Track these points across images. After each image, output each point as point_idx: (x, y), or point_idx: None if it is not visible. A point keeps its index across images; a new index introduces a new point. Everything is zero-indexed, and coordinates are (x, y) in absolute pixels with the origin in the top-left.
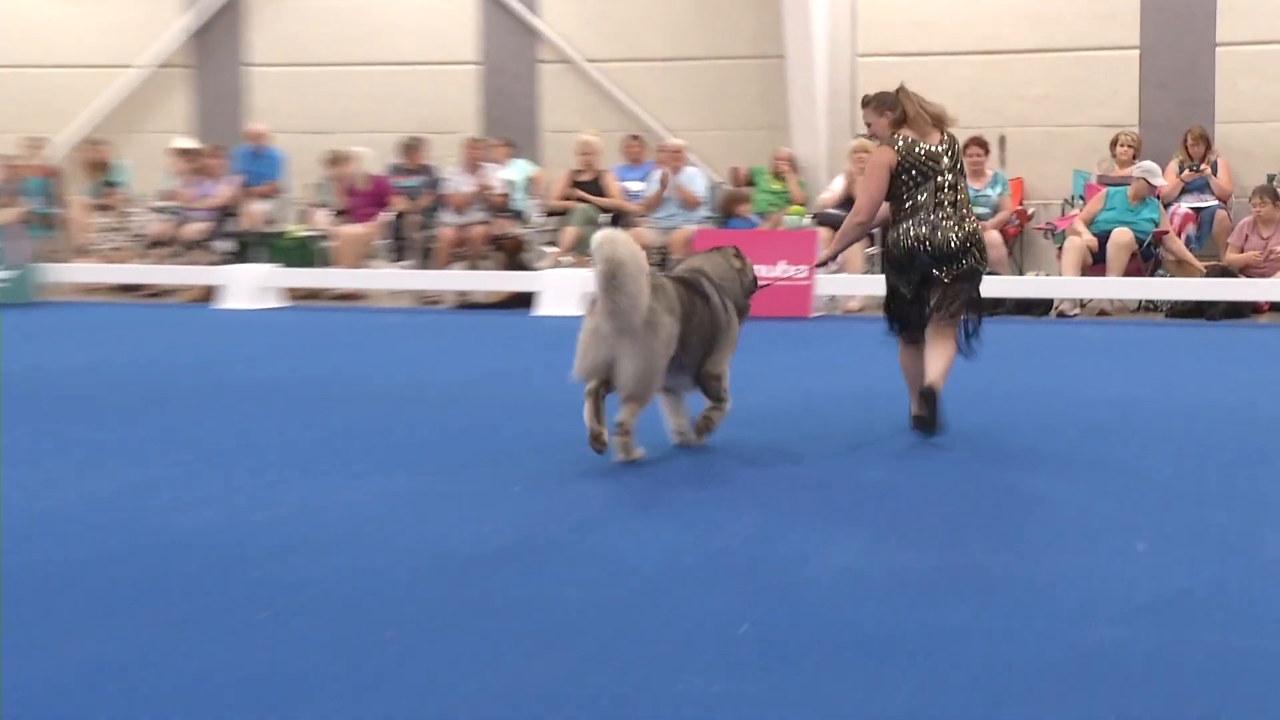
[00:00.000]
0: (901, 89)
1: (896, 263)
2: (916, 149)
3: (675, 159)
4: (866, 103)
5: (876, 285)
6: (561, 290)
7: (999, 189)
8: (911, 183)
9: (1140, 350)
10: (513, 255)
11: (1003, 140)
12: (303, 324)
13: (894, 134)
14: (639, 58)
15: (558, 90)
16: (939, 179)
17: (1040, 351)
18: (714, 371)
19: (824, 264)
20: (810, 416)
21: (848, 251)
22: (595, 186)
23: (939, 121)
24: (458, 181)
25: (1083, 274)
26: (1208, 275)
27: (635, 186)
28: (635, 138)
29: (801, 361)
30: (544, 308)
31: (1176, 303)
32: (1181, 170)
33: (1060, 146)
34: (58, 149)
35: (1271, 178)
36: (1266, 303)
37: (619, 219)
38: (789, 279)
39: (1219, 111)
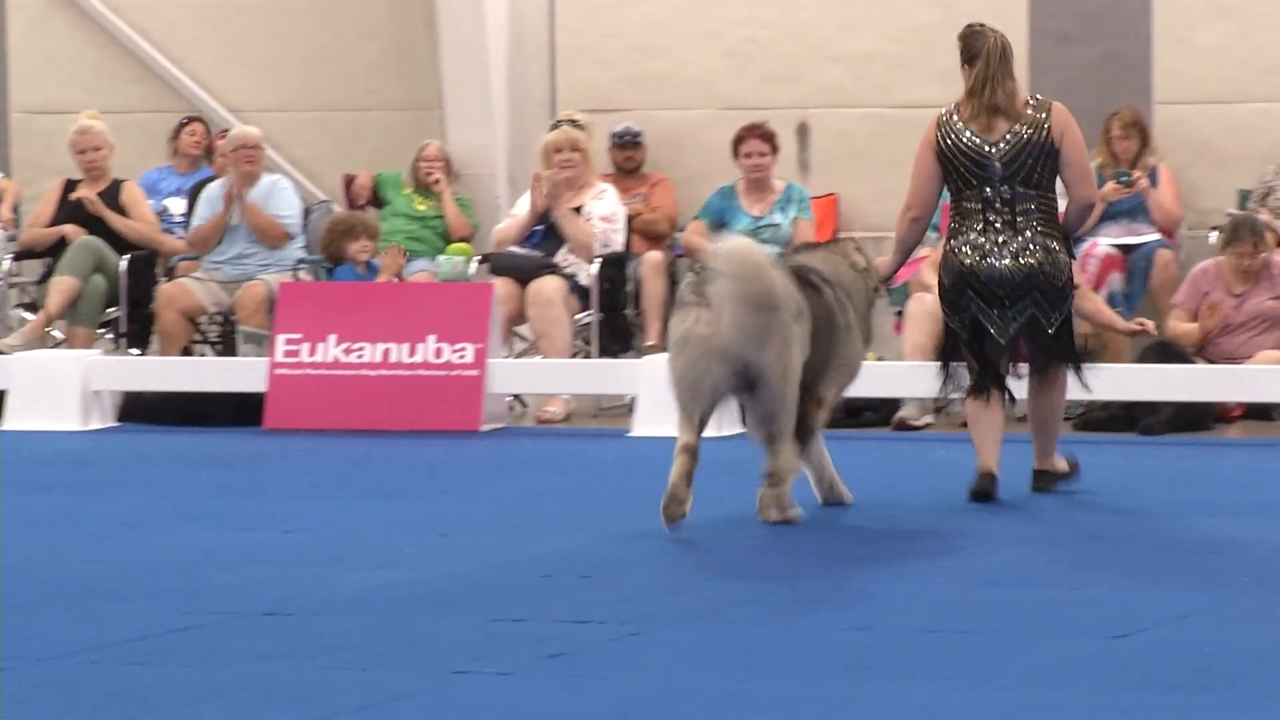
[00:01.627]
0: (985, 32)
1: (946, 292)
2: (962, 135)
3: (247, 160)
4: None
5: (592, 374)
6: (48, 386)
7: (794, 213)
8: (961, 181)
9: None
10: None
11: (803, 129)
12: None
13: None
14: None
15: (36, 41)
16: (988, 189)
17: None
18: (822, 396)
19: (886, 282)
20: None
21: (549, 318)
22: (109, 205)
23: (1000, 107)
24: None
25: (939, 356)
26: (1144, 358)
27: (176, 207)
28: (196, 123)
29: (467, 507)
30: (16, 418)
31: (1092, 405)
32: (1102, 183)
33: (900, 143)
34: None
35: (1245, 197)
36: (1239, 405)
37: (146, 262)
38: (442, 367)
39: (1158, 83)
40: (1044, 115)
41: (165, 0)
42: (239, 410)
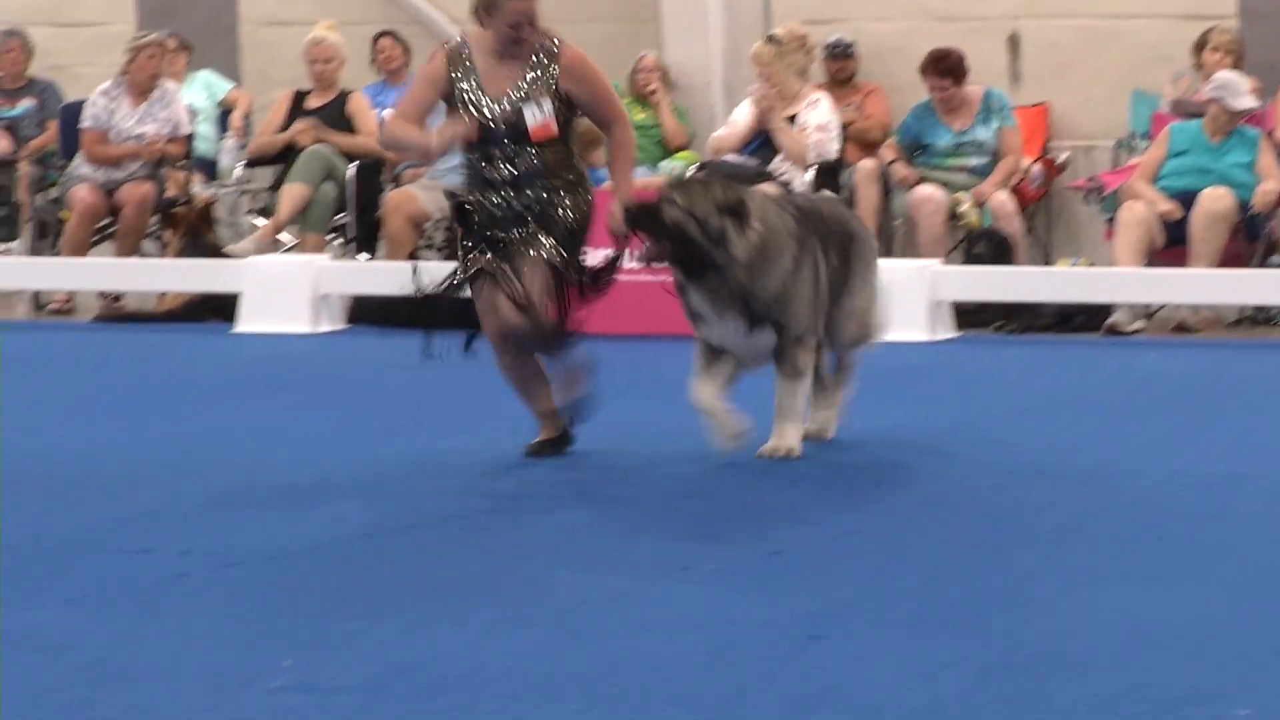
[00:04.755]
0: None
1: None
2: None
3: None
4: None
5: None
6: (278, 290)
7: (996, 123)
8: None
9: (1250, 393)
10: (193, 233)
11: (1014, 40)
12: None
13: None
14: None
15: None
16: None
17: (1078, 395)
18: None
19: None
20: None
21: None
22: (335, 116)
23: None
24: (108, 110)
25: (1149, 262)
26: None
27: None
28: (388, 34)
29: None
30: (248, 320)
31: None
32: None
33: (1110, 52)
34: None
35: None
36: None
37: (373, 170)
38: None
39: None
40: None
41: None
42: (461, 314)
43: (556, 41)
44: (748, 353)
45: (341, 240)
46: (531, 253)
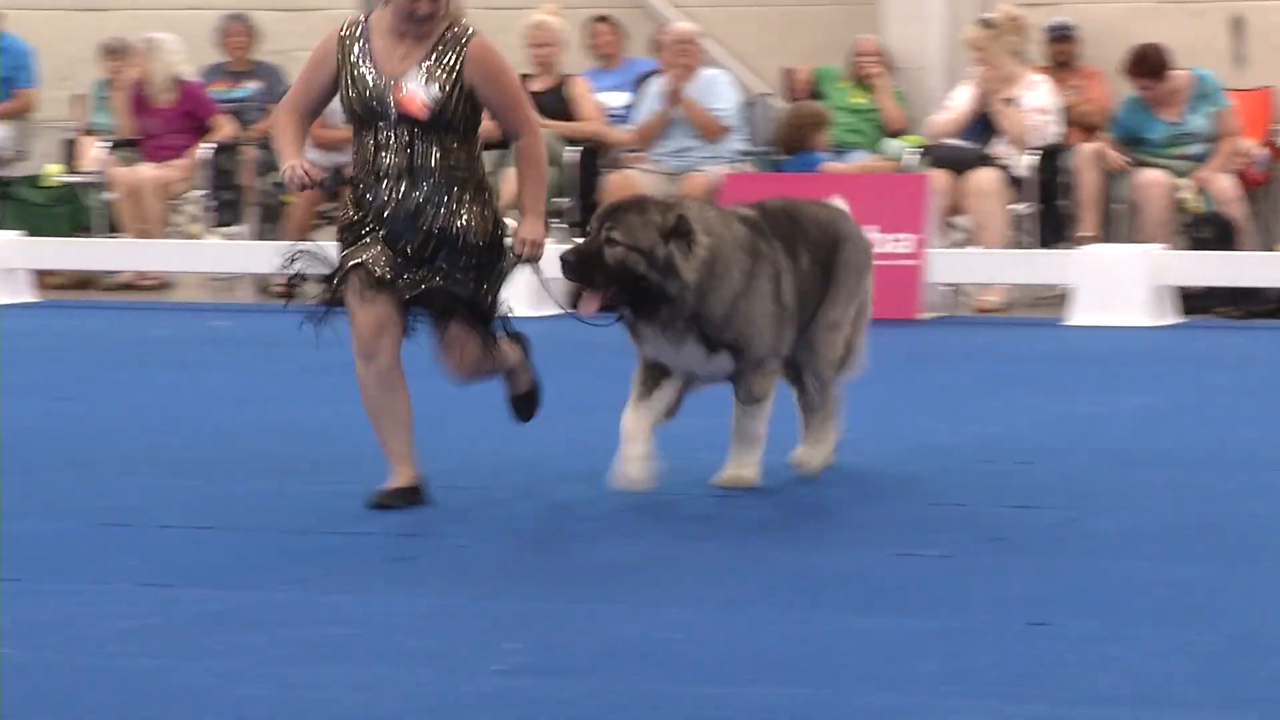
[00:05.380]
0: None
1: None
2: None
3: (684, 55)
4: None
5: (1028, 264)
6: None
7: (1209, 108)
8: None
9: None
10: None
11: (1238, 23)
12: (64, 334)
13: None
14: None
15: None
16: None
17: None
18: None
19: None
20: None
21: (986, 209)
22: (557, 101)
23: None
24: None
25: None
26: None
27: (618, 101)
28: (603, 20)
29: (906, 395)
30: None
31: None
32: None
33: None
34: None
35: None
36: None
37: (592, 154)
38: (880, 256)
39: None
40: None
41: None
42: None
43: (468, 30)
44: (707, 376)
45: (564, 224)
46: (449, 291)
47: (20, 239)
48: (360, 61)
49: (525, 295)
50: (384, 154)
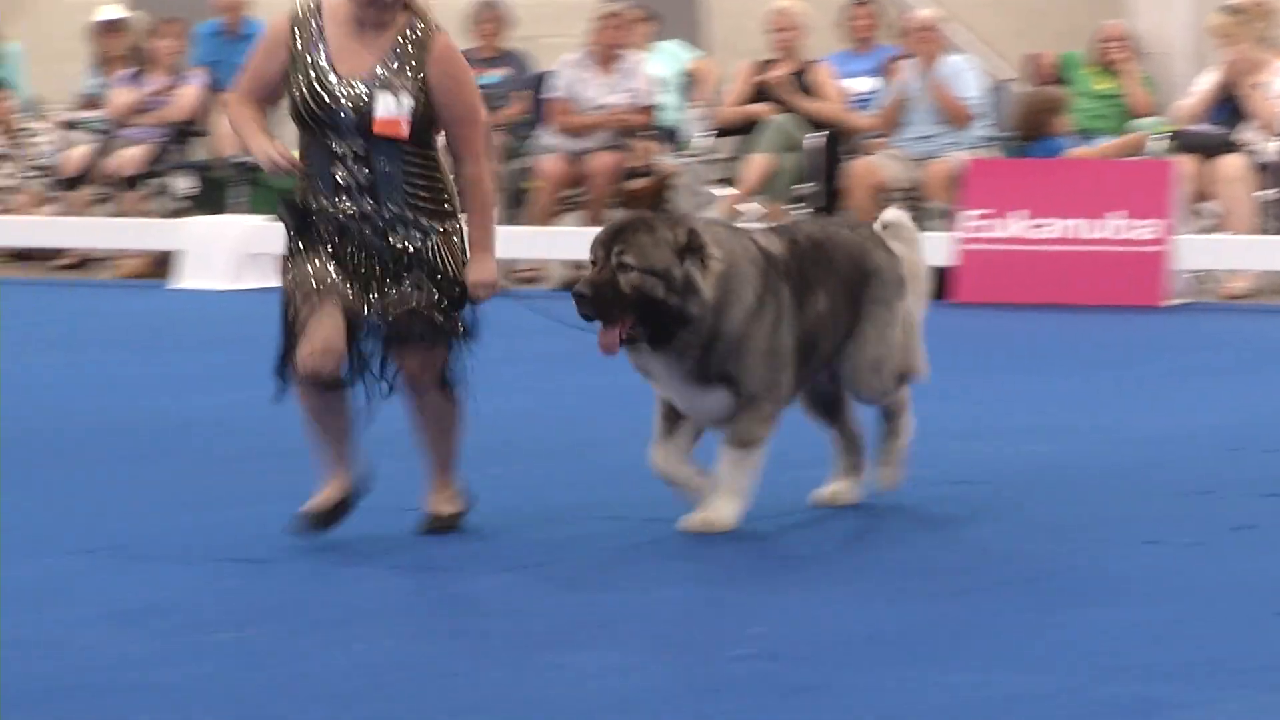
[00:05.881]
0: None
1: None
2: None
3: (928, 41)
4: None
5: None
6: None
7: None
8: None
9: None
10: (653, 201)
11: None
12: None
13: None
14: None
15: None
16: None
17: None
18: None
19: None
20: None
21: (1233, 195)
22: (799, 86)
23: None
24: (575, 80)
25: None
26: None
27: (864, 86)
28: (862, 4)
29: (1151, 382)
30: None
31: None
32: None
33: None
34: None
35: None
36: None
37: (834, 140)
38: (1126, 243)
39: None
40: None
41: None
42: None
43: (433, 26)
44: (699, 414)
45: (805, 210)
46: (409, 303)
47: (266, 224)
48: (314, 55)
49: None
50: (341, 165)
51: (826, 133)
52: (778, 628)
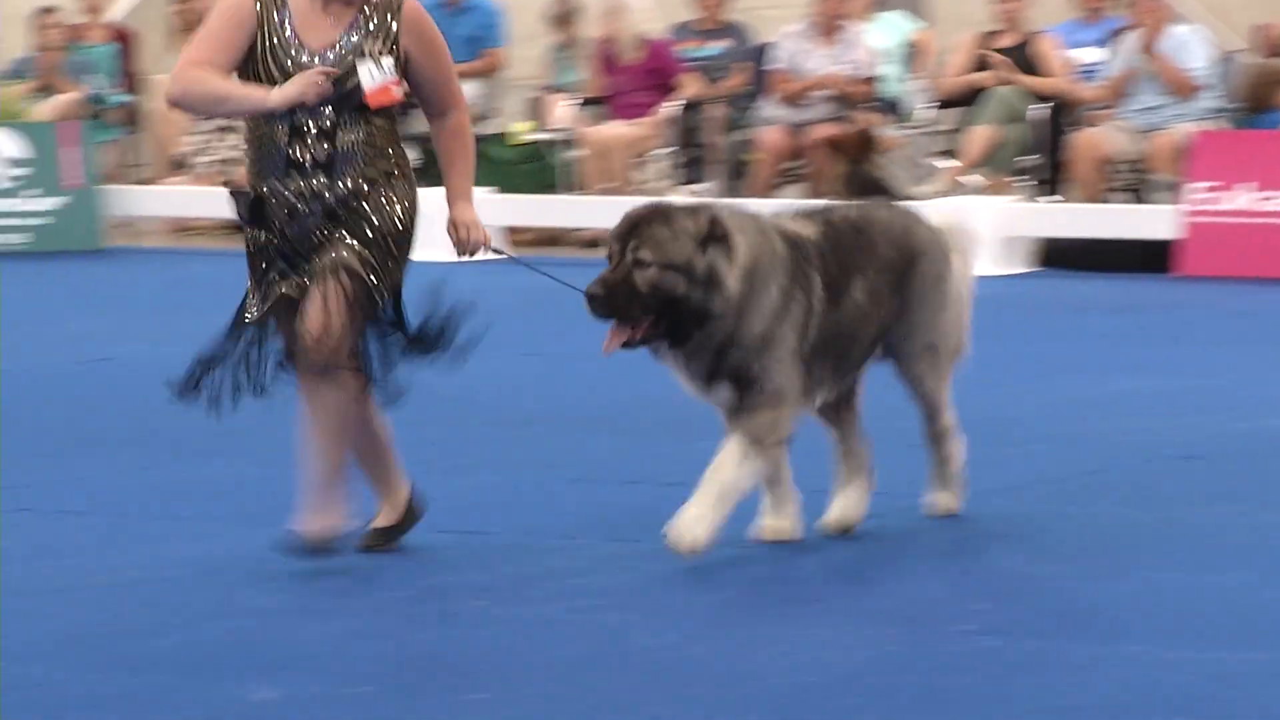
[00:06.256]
0: None
1: None
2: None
3: (1154, 11)
4: None
5: None
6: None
7: None
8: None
9: None
10: (858, 154)
11: None
12: (536, 296)
13: None
14: None
15: None
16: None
17: None
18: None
19: None
20: None
21: None
22: (1022, 57)
23: None
24: (796, 52)
25: None
26: None
27: (1090, 57)
28: None
29: None
30: None
31: None
32: None
33: None
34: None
35: None
36: None
37: (1061, 111)
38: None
39: None
40: None
41: None
42: (1147, 257)
43: None
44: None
45: (1030, 182)
46: (330, 255)
47: (491, 195)
48: (281, 28)
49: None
50: (299, 142)
51: (1051, 104)
52: (1007, 602)
